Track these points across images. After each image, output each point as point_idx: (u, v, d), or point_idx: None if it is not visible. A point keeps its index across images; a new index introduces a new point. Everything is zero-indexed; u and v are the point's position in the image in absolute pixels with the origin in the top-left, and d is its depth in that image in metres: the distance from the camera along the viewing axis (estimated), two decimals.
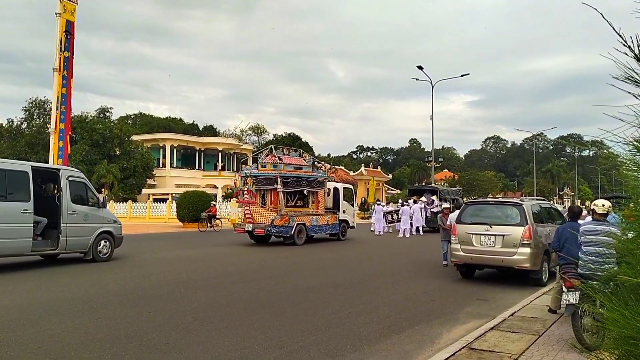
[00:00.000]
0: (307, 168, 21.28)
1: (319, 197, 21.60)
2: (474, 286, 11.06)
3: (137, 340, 6.42)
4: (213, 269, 13.18)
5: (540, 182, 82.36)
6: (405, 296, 9.81)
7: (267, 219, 19.30)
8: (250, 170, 20.29)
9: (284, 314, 8.00)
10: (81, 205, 13.95)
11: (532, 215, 11.07)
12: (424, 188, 33.17)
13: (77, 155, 43.03)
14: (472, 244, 11.15)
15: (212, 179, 60.82)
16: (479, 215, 11.45)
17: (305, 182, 20.52)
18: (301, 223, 20.09)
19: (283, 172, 19.71)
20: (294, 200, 20.76)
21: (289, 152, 21.51)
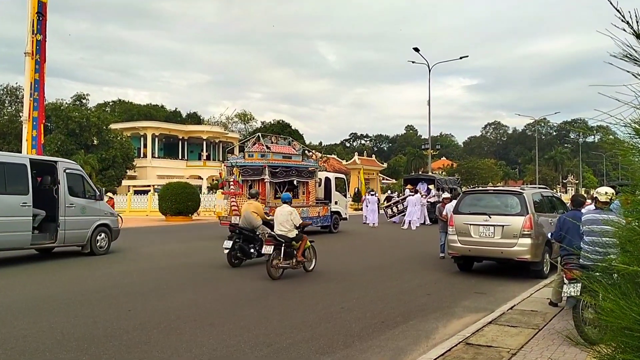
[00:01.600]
0: (297, 157, 21.25)
1: (309, 187, 21.61)
2: (472, 279, 11.15)
3: (116, 340, 6.42)
4: (198, 263, 13.18)
5: (542, 170, 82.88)
6: (400, 290, 9.88)
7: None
8: (237, 159, 20.25)
9: (272, 310, 8.03)
10: (79, 197, 14.23)
11: (533, 205, 11.15)
12: (420, 177, 33.34)
13: (52, 145, 42.68)
14: (470, 235, 11.22)
15: (197, 170, 60.61)
16: (477, 205, 11.52)
17: (295, 172, 20.51)
18: None
19: (271, 161, 19.68)
20: (283, 191, 20.73)
21: (278, 140, 21.47)
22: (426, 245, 17.44)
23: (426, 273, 11.97)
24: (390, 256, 14.94)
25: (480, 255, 11.47)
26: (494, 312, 7.95)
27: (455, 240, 11.50)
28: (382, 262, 13.84)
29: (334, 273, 11.83)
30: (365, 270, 12.23)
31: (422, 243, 18.54)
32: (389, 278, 11.18)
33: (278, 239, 10.81)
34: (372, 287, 10.03)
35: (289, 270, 11.49)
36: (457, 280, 11.09)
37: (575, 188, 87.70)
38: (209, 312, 7.86)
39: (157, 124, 61.29)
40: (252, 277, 11.04)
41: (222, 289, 9.76)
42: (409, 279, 11.18)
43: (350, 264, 13.30)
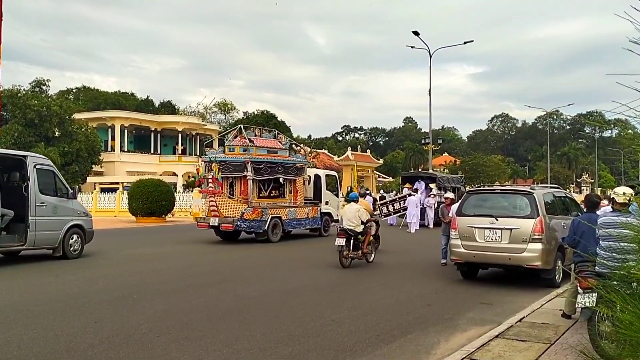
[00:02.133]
0: (283, 152, 21.23)
1: (297, 186, 21.61)
2: (477, 288, 11.22)
3: (79, 355, 6.39)
4: (172, 270, 13.15)
5: (554, 167, 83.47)
6: (397, 300, 9.91)
7: (235, 212, 19.28)
8: (216, 154, 20.20)
9: (255, 322, 8.03)
10: (50, 196, 14.22)
11: (545, 206, 11.23)
12: (420, 175, 33.41)
13: (9, 137, 42.31)
14: (474, 239, 11.28)
15: (171, 165, 60.43)
16: (482, 206, 11.58)
17: (281, 169, 20.50)
18: (276, 216, 20.11)
19: (254, 156, 19.65)
20: (267, 189, 20.73)
21: (262, 132, 21.43)
22: (426, 251, 17.51)
23: (426, 281, 12.02)
24: (386, 263, 14.99)
25: (486, 262, 11.53)
26: (501, 324, 8.00)
27: (458, 245, 11.55)
28: (376, 269, 13.88)
29: (323, 282, 11.85)
30: (358, 279, 12.26)
31: (422, 248, 18.62)
32: (385, 287, 11.22)
33: (348, 232, 13.65)
34: (366, 297, 10.06)
35: (272, 277, 11.63)
36: (461, 289, 11.15)
37: (591, 188, 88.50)
38: (184, 324, 7.85)
39: (126, 114, 61.00)
40: (233, 286, 11.04)
41: (199, 298, 9.74)
42: (407, 288, 11.23)
43: (341, 272, 13.31)
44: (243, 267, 14.10)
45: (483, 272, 12.64)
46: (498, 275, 12.69)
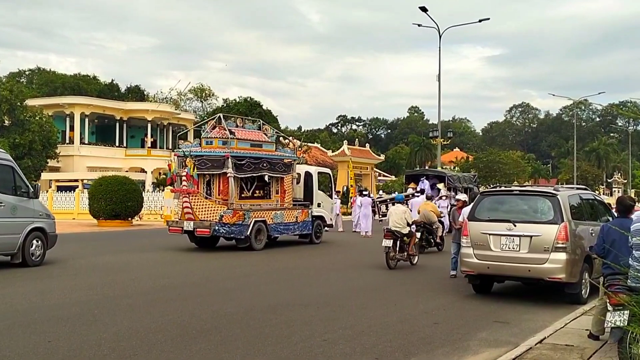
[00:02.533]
0: (269, 145, 21.21)
1: (284, 185, 21.60)
2: (491, 304, 11.25)
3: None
4: (139, 281, 13.11)
5: (582, 165, 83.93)
6: (400, 318, 9.93)
7: (213, 215, 19.23)
8: (191, 147, 20.14)
9: (235, 342, 8.01)
10: (8, 195, 14.24)
11: (570, 210, 11.26)
12: (427, 173, 33.49)
13: None
14: (489, 247, 11.31)
15: (139, 160, 60.21)
16: (498, 210, 11.60)
17: (267, 165, 20.48)
18: (260, 220, 20.09)
19: (236, 150, 19.62)
20: (250, 189, 20.70)
21: (244, 123, 21.40)
22: (434, 261, 17.53)
23: (433, 296, 12.04)
24: (387, 274, 15.01)
25: (502, 274, 11.55)
26: (519, 346, 8.02)
27: (470, 254, 11.57)
28: (376, 282, 13.90)
29: (314, 296, 11.84)
30: (354, 293, 12.26)
31: (428, 257, 18.64)
32: (385, 302, 11.23)
33: (395, 234, 15.41)
34: (363, 314, 10.06)
35: (255, 291, 11.71)
36: (472, 305, 11.17)
37: (623, 189, 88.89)
38: (152, 345, 7.82)
39: (87, 100, 60.68)
40: (210, 300, 11.01)
41: (170, 314, 9.71)
42: (411, 303, 11.24)
43: (335, 285, 13.32)
44: (221, 278, 14.06)
45: (498, 286, 12.66)
46: (515, 290, 12.71)
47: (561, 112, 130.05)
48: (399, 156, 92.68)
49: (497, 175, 68.36)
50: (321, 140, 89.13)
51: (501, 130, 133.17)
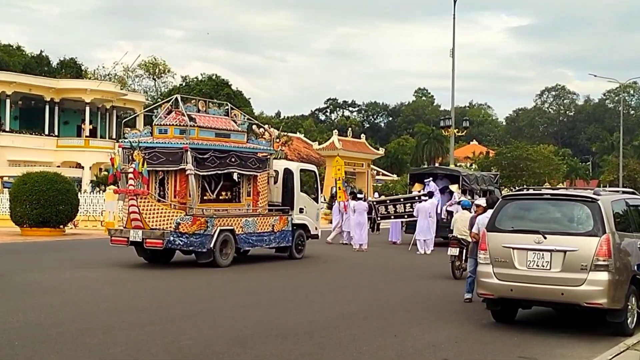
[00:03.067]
0: (239, 135, 21.16)
1: (258, 185, 21.55)
2: (514, 335, 11.27)
3: None
4: (73, 305, 13.03)
5: (629, 163, 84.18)
6: (400, 352, 9.93)
7: (167, 222, 19.13)
8: (140, 137, 20.04)
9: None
10: None
11: (614, 219, 11.29)
12: (436, 172, 33.51)
13: None
14: (512, 265, 11.31)
15: (74, 153, 59.88)
16: (524, 218, 11.62)
17: (236, 160, 20.42)
18: (227, 229, 20.02)
19: (197, 141, 19.55)
20: (215, 190, 20.65)
21: (208, 107, 21.32)
22: (444, 281, 17.57)
23: (442, 325, 12.05)
24: (386, 298, 15.03)
25: (528, 298, 11.57)
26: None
27: (488, 273, 11.57)
28: (372, 307, 13.90)
29: (294, 325, 11.81)
30: (344, 321, 12.24)
31: (438, 276, 18.68)
32: (383, 332, 11.22)
33: (461, 242, 16.96)
34: (354, 348, 10.06)
35: (219, 318, 11.71)
36: (491, 337, 11.19)
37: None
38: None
39: (9, 77, 60.16)
40: (162, 329, 10.97)
41: (111, 347, 9.66)
42: (415, 334, 11.24)
43: (321, 310, 13.30)
44: (177, 302, 13.99)
45: (523, 313, 12.70)
46: (545, 318, 12.76)
47: (605, 98, 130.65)
48: (402, 150, 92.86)
49: (524, 176, 68.44)
50: (305, 129, 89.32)
51: (530, 119, 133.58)
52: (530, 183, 63.29)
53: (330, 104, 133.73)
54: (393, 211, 29.00)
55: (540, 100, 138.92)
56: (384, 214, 29.44)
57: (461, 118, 62.52)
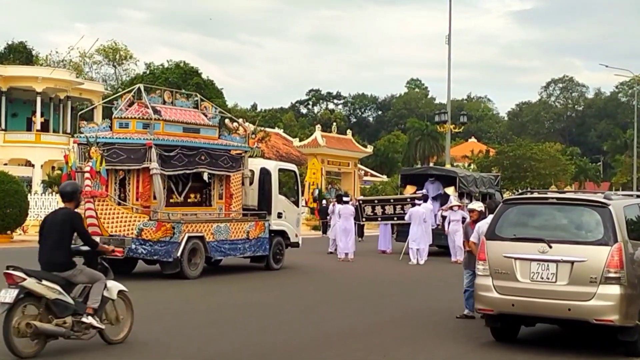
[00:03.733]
0: (210, 131, 21.19)
1: (231, 186, 21.53)
2: (517, 355, 11.31)
3: None
4: None
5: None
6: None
7: (128, 228, 19.09)
8: (98, 131, 19.99)
9: None
10: None
11: (627, 226, 11.35)
12: (431, 173, 33.59)
13: None
14: (514, 277, 11.33)
15: (24, 149, 59.53)
16: (528, 225, 11.67)
17: (206, 158, 20.40)
18: (196, 236, 19.99)
19: (162, 136, 19.53)
20: (182, 192, 20.62)
21: (175, 98, 21.28)
22: (439, 294, 17.60)
23: (437, 344, 12.09)
24: (374, 314, 15.05)
25: (532, 314, 11.58)
26: None
27: (488, 286, 11.59)
28: (359, 324, 13.90)
29: (271, 345, 11.81)
30: (328, 341, 12.25)
31: (432, 290, 18.73)
32: (370, 353, 11.26)
33: None
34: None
35: (187, 339, 11.67)
36: (491, 357, 11.25)
37: None
38: None
39: None
40: (119, 351, 10.94)
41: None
42: (406, 355, 11.28)
43: (301, 329, 13.32)
44: (139, 319, 13.89)
45: (526, 331, 12.75)
46: (550, 336, 12.82)
47: (617, 91, 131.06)
48: (392, 148, 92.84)
49: (527, 177, 68.74)
50: (285, 124, 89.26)
51: (534, 114, 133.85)
52: (535, 185, 63.67)
53: (312, 95, 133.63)
54: (381, 212, 29.04)
55: (545, 93, 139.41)
56: (370, 215, 29.48)
57: (458, 112, 62.91)
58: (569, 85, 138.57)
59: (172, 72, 64.46)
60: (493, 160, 73.56)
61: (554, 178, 72.45)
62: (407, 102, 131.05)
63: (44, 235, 10.51)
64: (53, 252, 10.35)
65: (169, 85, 44.98)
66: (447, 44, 44.21)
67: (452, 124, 49.53)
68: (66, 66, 71.49)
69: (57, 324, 9.85)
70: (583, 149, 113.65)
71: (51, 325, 9.80)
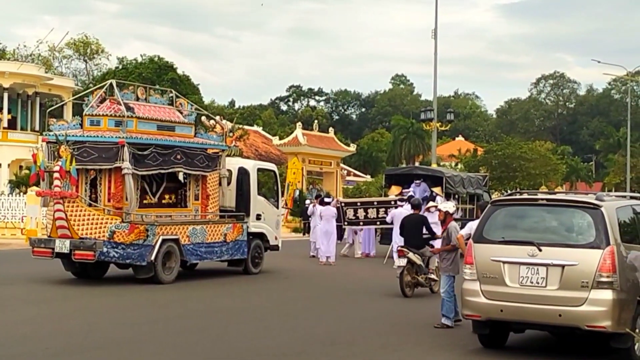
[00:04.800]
0: (186, 129, 21.15)
1: (208, 187, 21.51)
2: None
3: None
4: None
5: (639, 163, 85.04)
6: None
7: (100, 230, 19.03)
8: (69, 129, 19.90)
9: None
10: None
11: (620, 228, 11.39)
12: (417, 173, 33.61)
13: None
14: (503, 282, 11.36)
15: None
16: (517, 227, 11.71)
17: (181, 158, 20.36)
18: (171, 239, 19.96)
19: (135, 134, 19.47)
20: (156, 192, 20.58)
21: (149, 94, 21.23)
22: (425, 300, 17.63)
23: (422, 352, 12.12)
24: (357, 320, 15.07)
25: (521, 320, 11.60)
26: None
27: (476, 291, 11.62)
28: (340, 331, 13.92)
29: (251, 352, 11.81)
30: (309, 348, 12.27)
31: (417, 295, 18.75)
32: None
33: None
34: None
35: (162, 346, 11.81)
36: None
37: None
38: None
39: None
40: (97, 356, 10.88)
41: None
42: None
43: (281, 336, 13.33)
44: (111, 325, 13.90)
45: (515, 337, 12.79)
46: (540, 343, 12.86)
47: (610, 87, 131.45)
48: (376, 147, 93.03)
49: (517, 177, 68.91)
50: (264, 121, 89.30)
51: (524, 111, 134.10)
52: (525, 186, 63.80)
53: (293, 92, 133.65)
54: (363, 216, 29.00)
55: (536, 90, 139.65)
56: (352, 220, 29.42)
57: (445, 110, 62.85)
58: (560, 81, 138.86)
59: (146, 67, 64.16)
60: (481, 159, 73.74)
61: (545, 178, 72.65)
62: (392, 98, 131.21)
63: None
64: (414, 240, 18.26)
65: (142, 81, 44.95)
66: (433, 39, 44.28)
67: (439, 121, 49.54)
68: (35, 61, 71.10)
69: (421, 278, 18.17)
70: (574, 148, 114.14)
71: (419, 278, 18.13)
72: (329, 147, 69.45)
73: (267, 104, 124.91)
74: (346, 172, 77.04)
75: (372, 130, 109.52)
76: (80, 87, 67.21)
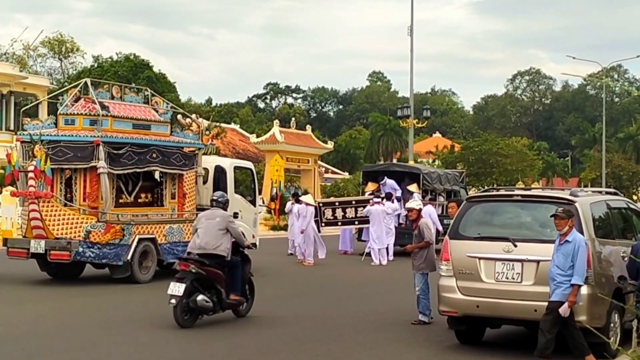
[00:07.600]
0: (162, 127, 21.08)
1: (184, 185, 21.46)
2: (483, 359, 11.43)
3: None
4: None
5: (614, 158, 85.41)
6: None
7: (75, 230, 18.94)
8: (43, 128, 19.81)
9: None
10: None
11: (594, 223, 11.48)
12: (393, 170, 33.68)
13: None
14: (478, 277, 11.44)
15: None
16: (492, 223, 11.79)
17: (157, 156, 20.30)
18: (147, 238, 19.90)
19: (110, 133, 19.39)
20: (132, 191, 20.51)
21: (124, 93, 21.15)
22: (402, 296, 17.66)
23: (399, 349, 12.15)
24: (334, 318, 15.10)
25: (497, 315, 11.69)
26: None
27: (452, 287, 11.68)
28: (317, 329, 13.97)
29: (227, 350, 11.83)
30: (285, 346, 12.30)
31: (394, 292, 18.80)
32: (331, 359, 11.26)
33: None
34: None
35: (136, 349, 11.68)
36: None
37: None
38: None
39: None
40: (74, 358, 10.83)
41: None
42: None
43: (257, 334, 13.35)
44: (87, 326, 13.87)
45: (492, 333, 12.85)
46: (516, 338, 12.92)
47: (585, 83, 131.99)
48: (354, 144, 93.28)
49: (493, 173, 69.19)
50: (241, 119, 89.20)
51: (500, 107, 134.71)
52: (501, 182, 64.13)
53: (270, 89, 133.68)
54: (341, 216, 29.01)
55: (512, 86, 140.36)
56: (330, 220, 29.40)
57: (422, 106, 63.16)
58: (536, 77, 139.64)
59: (122, 66, 64.04)
60: (458, 155, 74.08)
61: (521, 174, 72.94)
62: (369, 95, 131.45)
63: None
64: None
65: (118, 79, 44.88)
66: (409, 35, 44.30)
67: (416, 118, 49.63)
68: (9, 59, 70.68)
69: None
70: (551, 144, 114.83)
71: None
72: (306, 145, 69.39)
73: (244, 101, 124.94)
74: (324, 169, 77.06)
75: (349, 128, 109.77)
76: (56, 85, 66.92)
